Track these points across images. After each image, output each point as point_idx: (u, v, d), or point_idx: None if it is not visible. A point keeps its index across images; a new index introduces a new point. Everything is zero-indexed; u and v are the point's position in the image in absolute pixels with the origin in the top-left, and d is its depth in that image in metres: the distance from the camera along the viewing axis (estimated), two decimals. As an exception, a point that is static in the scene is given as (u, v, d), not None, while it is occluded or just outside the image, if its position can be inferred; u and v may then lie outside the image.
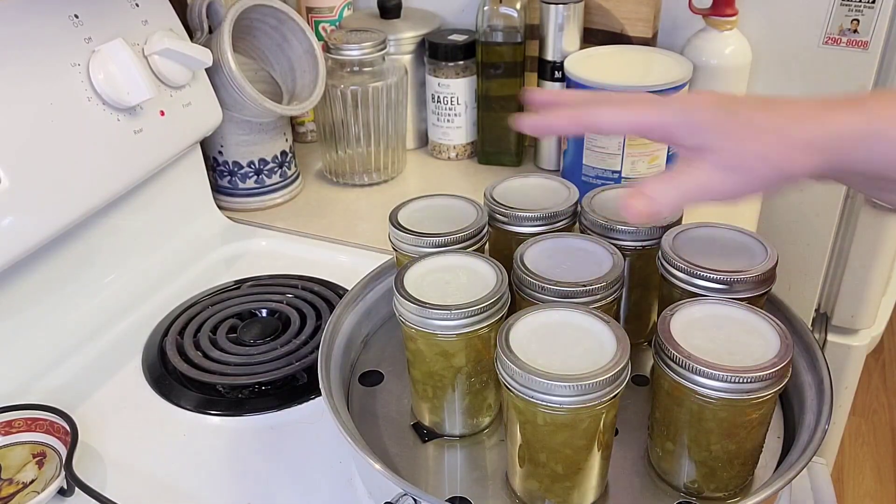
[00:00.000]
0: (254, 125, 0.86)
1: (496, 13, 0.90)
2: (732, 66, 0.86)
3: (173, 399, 0.63)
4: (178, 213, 0.83)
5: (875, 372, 2.00)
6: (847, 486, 1.69)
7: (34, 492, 0.53)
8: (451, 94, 0.96)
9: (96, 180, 0.67)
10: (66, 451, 0.54)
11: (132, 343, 0.69)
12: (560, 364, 0.43)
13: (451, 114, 0.98)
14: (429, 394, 0.54)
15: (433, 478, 0.53)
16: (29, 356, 0.66)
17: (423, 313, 0.49)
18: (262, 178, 0.89)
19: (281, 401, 0.62)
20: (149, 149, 0.73)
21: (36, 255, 0.65)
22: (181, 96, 0.76)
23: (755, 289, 0.52)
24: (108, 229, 0.74)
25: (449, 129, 0.99)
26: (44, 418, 0.57)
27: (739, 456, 0.48)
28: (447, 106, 0.97)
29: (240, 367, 0.65)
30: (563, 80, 0.88)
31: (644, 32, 0.90)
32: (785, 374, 0.45)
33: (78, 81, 0.66)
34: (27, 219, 0.61)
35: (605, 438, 0.47)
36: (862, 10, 0.84)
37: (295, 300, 0.73)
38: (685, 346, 0.45)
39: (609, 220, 0.57)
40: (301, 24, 0.85)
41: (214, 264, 0.82)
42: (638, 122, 0.46)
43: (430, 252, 0.55)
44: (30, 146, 0.61)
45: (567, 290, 0.50)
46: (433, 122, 1.00)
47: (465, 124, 0.98)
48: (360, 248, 0.82)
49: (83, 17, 0.67)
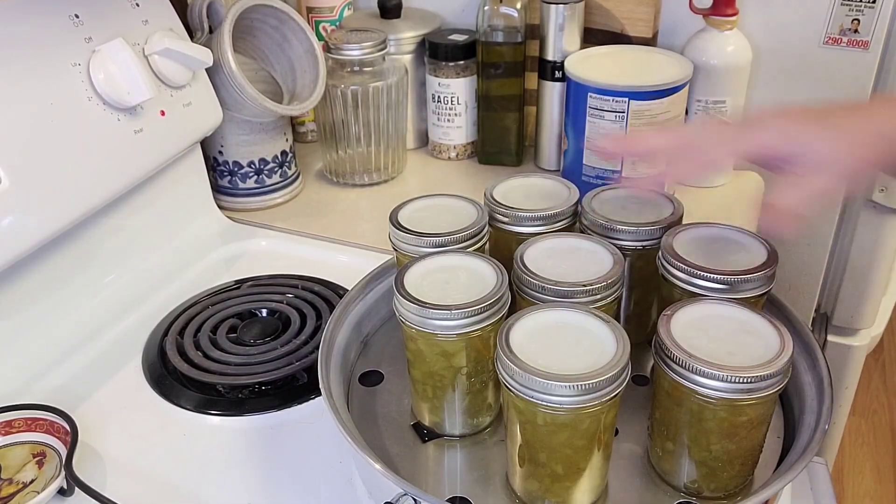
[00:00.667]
0: (254, 125, 0.86)
1: (496, 13, 0.90)
2: (732, 66, 0.86)
3: (173, 399, 0.63)
4: (178, 213, 0.83)
5: (875, 372, 2.00)
6: (847, 486, 1.69)
7: (34, 492, 0.53)
8: (452, 94, 0.96)
9: (96, 180, 0.67)
10: (66, 451, 0.54)
11: (132, 343, 0.69)
12: (560, 364, 0.43)
13: (451, 114, 0.98)
14: (429, 394, 0.54)
15: (433, 478, 0.53)
16: (29, 356, 0.66)
17: (423, 313, 0.49)
18: (263, 178, 0.89)
19: (281, 401, 0.62)
20: (149, 149, 0.73)
21: (36, 255, 0.65)
22: (181, 96, 0.76)
23: (755, 289, 0.52)
24: (108, 229, 0.74)
25: (449, 129, 0.99)
26: (44, 418, 0.57)
27: (739, 456, 0.48)
28: (447, 106, 0.97)
29: (240, 367, 0.65)
30: (563, 80, 0.88)
31: (644, 32, 0.90)
32: (785, 374, 0.45)
33: (78, 81, 0.66)
34: (27, 219, 0.61)
35: (605, 438, 0.47)
36: (862, 10, 0.84)
37: (295, 300, 0.73)
38: (685, 346, 0.45)
39: (609, 220, 0.57)
40: (301, 23, 0.85)
41: (214, 264, 0.82)
42: (745, 148, 0.50)
43: (430, 252, 0.55)
44: (30, 146, 0.61)
45: (567, 290, 0.50)
46: (433, 122, 1.00)
47: (465, 124, 0.98)
48: (360, 248, 0.82)
49: (83, 17, 0.67)
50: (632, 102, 0.80)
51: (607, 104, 0.81)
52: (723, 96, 0.87)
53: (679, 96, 0.82)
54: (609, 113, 0.81)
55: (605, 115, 0.81)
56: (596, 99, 0.81)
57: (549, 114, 0.93)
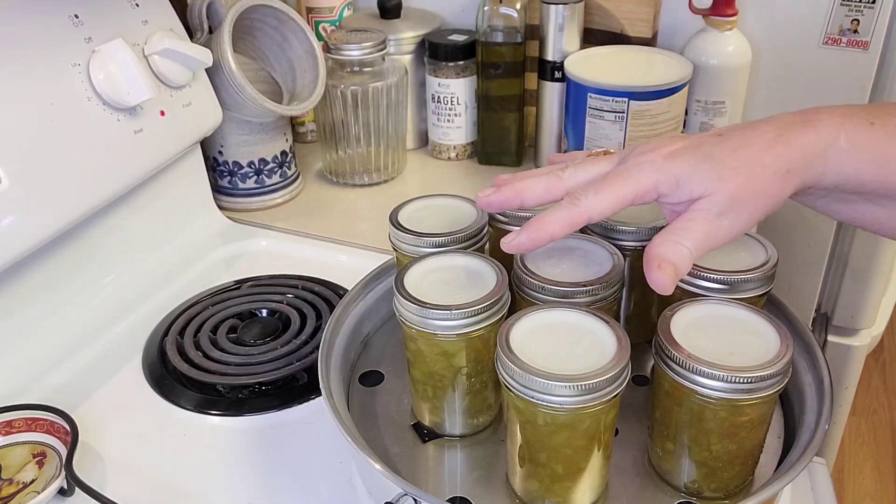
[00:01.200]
0: (254, 125, 0.86)
1: (496, 13, 0.90)
2: (732, 66, 0.86)
3: (173, 399, 0.63)
4: (178, 213, 0.83)
5: (875, 372, 2.00)
6: (847, 486, 1.70)
7: (34, 492, 0.53)
8: (452, 94, 0.96)
9: (96, 180, 0.67)
10: (66, 451, 0.54)
11: (132, 343, 0.69)
12: (560, 364, 0.43)
13: (451, 114, 0.98)
14: (429, 394, 0.54)
15: (433, 478, 0.53)
16: (29, 356, 0.66)
17: (423, 313, 0.49)
18: (263, 178, 0.89)
19: (281, 401, 0.62)
20: (149, 149, 0.73)
21: (36, 255, 0.65)
22: (181, 96, 0.76)
23: (755, 289, 0.52)
24: (108, 229, 0.74)
25: (449, 129, 0.99)
26: (44, 418, 0.57)
27: (739, 456, 0.48)
28: (447, 106, 0.97)
29: (240, 367, 0.65)
30: (562, 81, 0.88)
31: (644, 32, 0.90)
32: (785, 374, 0.45)
33: (78, 81, 0.66)
34: (27, 219, 0.61)
35: (606, 438, 0.46)
36: (862, 10, 0.84)
37: (295, 300, 0.73)
38: (685, 346, 0.45)
39: (609, 220, 0.57)
40: (301, 24, 0.85)
41: (214, 264, 0.82)
42: (623, 199, 0.45)
43: (430, 252, 0.55)
44: (30, 146, 0.61)
45: (567, 290, 0.50)
46: (433, 122, 1.00)
47: (465, 124, 0.98)
48: (360, 248, 0.82)
49: (83, 17, 0.67)
50: (631, 103, 0.80)
51: (607, 104, 0.81)
52: (722, 96, 0.87)
53: (679, 97, 0.82)
54: (609, 113, 0.81)
55: (605, 115, 0.82)
56: (596, 99, 0.81)
57: (548, 114, 0.93)
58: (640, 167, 0.45)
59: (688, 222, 0.44)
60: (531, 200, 0.49)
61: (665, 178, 0.44)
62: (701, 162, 0.44)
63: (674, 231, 0.44)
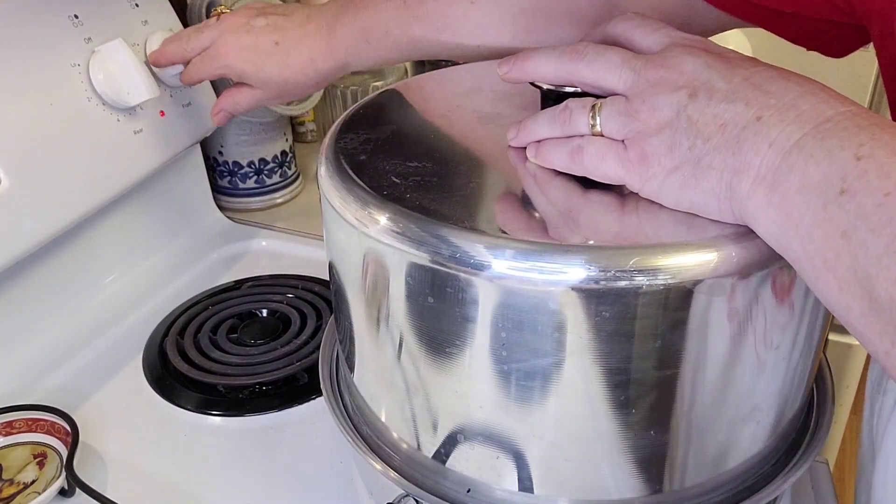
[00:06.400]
0: (254, 125, 0.86)
1: (496, 13, 0.90)
2: (732, 66, 0.86)
3: (174, 399, 0.63)
4: (178, 213, 0.83)
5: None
6: (848, 485, 1.70)
7: (35, 492, 0.53)
8: (452, 94, 0.96)
9: (96, 180, 0.67)
10: (66, 452, 0.54)
11: (132, 343, 0.69)
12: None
13: (451, 113, 0.97)
14: (429, 394, 0.54)
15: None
16: (29, 356, 0.66)
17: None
18: (263, 178, 0.89)
19: (281, 401, 0.62)
20: (149, 149, 0.73)
21: (36, 255, 0.65)
22: (181, 96, 0.76)
23: (756, 289, 0.51)
24: (108, 229, 0.74)
25: (449, 129, 0.99)
26: (44, 419, 0.57)
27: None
28: (447, 106, 0.97)
29: (240, 367, 0.65)
30: (563, 80, 0.88)
31: (644, 32, 0.89)
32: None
33: (78, 81, 0.66)
34: (27, 219, 0.61)
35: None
36: (862, 10, 0.84)
37: (295, 300, 0.73)
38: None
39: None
40: (301, 23, 0.85)
41: (214, 264, 0.82)
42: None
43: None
44: (30, 146, 0.61)
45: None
46: (433, 122, 0.99)
47: (465, 124, 0.98)
48: (361, 247, 0.82)
49: (83, 17, 0.67)
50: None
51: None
52: (723, 96, 0.87)
53: (679, 96, 0.82)
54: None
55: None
56: (596, 99, 0.81)
57: (549, 113, 0.93)
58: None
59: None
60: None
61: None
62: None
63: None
